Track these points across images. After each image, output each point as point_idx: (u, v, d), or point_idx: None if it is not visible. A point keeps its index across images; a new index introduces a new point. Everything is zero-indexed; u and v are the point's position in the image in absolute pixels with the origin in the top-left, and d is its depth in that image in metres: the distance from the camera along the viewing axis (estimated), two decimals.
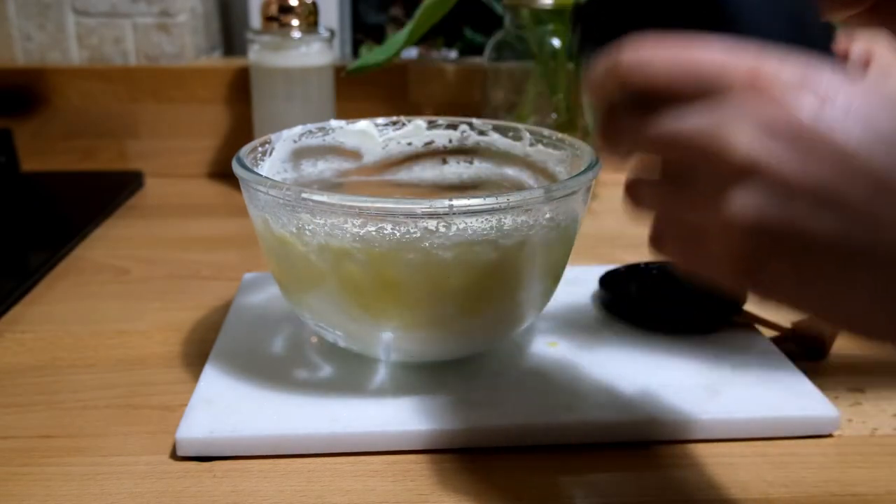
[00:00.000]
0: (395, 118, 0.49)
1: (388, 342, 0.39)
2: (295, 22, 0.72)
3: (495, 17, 0.77)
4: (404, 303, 0.37)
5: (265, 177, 0.37)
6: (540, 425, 0.37)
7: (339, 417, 0.37)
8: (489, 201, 0.34)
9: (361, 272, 0.36)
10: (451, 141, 0.49)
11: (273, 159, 0.46)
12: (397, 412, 0.38)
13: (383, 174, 0.50)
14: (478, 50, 0.88)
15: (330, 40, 0.74)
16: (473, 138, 0.49)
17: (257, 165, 0.43)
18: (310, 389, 0.40)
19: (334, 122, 0.49)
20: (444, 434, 0.37)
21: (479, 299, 0.38)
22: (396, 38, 0.69)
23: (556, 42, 0.70)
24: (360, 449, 0.37)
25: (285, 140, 0.46)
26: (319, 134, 0.48)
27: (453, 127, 0.49)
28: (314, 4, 0.73)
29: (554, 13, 0.68)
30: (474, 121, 0.48)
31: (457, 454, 0.36)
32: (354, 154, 0.50)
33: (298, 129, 0.47)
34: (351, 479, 0.35)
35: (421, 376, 0.41)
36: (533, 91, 0.71)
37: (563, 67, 0.71)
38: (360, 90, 0.78)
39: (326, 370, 0.42)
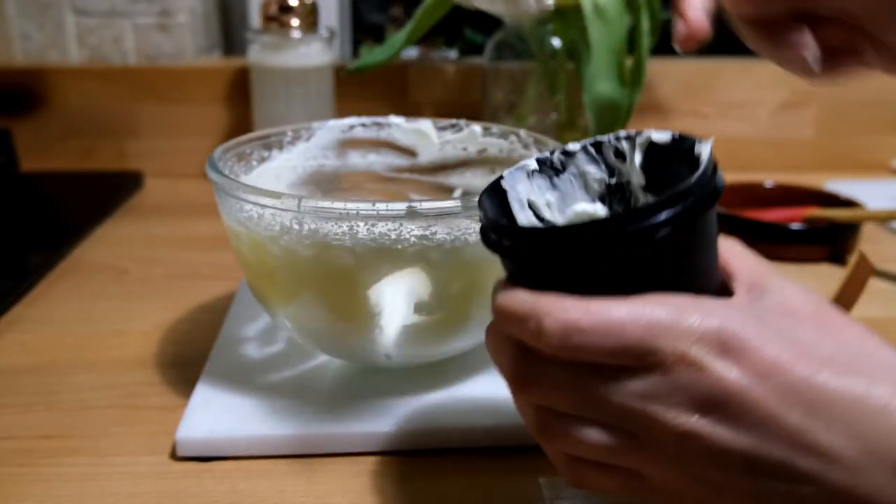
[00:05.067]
0: (454, 121, 0.49)
1: (380, 346, 0.39)
2: (295, 22, 0.72)
3: (495, 17, 0.77)
4: (393, 306, 0.37)
5: (252, 185, 0.37)
6: None
7: (339, 418, 0.37)
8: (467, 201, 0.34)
9: (346, 278, 0.36)
10: (500, 151, 0.48)
11: (310, 145, 0.48)
12: (397, 412, 0.38)
13: (436, 176, 0.51)
14: (478, 50, 0.88)
15: (330, 40, 0.74)
16: (519, 151, 0.48)
17: (284, 150, 0.46)
18: (309, 390, 0.40)
19: (393, 118, 0.50)
20: (443, 434, 0.37)
21: (474, 300, 0.38)
22: (396, 37, 0.69)
23: (556, 42, 0.70)
24: (359, 449, 0.36)
25: (331, 129, 0.48)
26: (374, 128, 0.49)
27: (504, 137, 0.48)
28: (314, 4, 0.73)
29: (554, 13, 0.68)
30: (521, 133, 0.47)
31: (456, 455, 0.36)
32: (409, 152, 0.50)
33: (349, 120, 0.49)
34: (351, 478, 0.35)
35: (419, 376, 0.41)
36: (533, 91, 0.71)
37: (563, 67, 0.71)
38: (359, 90, 0.78)
39: (326, 370, 0.42)
